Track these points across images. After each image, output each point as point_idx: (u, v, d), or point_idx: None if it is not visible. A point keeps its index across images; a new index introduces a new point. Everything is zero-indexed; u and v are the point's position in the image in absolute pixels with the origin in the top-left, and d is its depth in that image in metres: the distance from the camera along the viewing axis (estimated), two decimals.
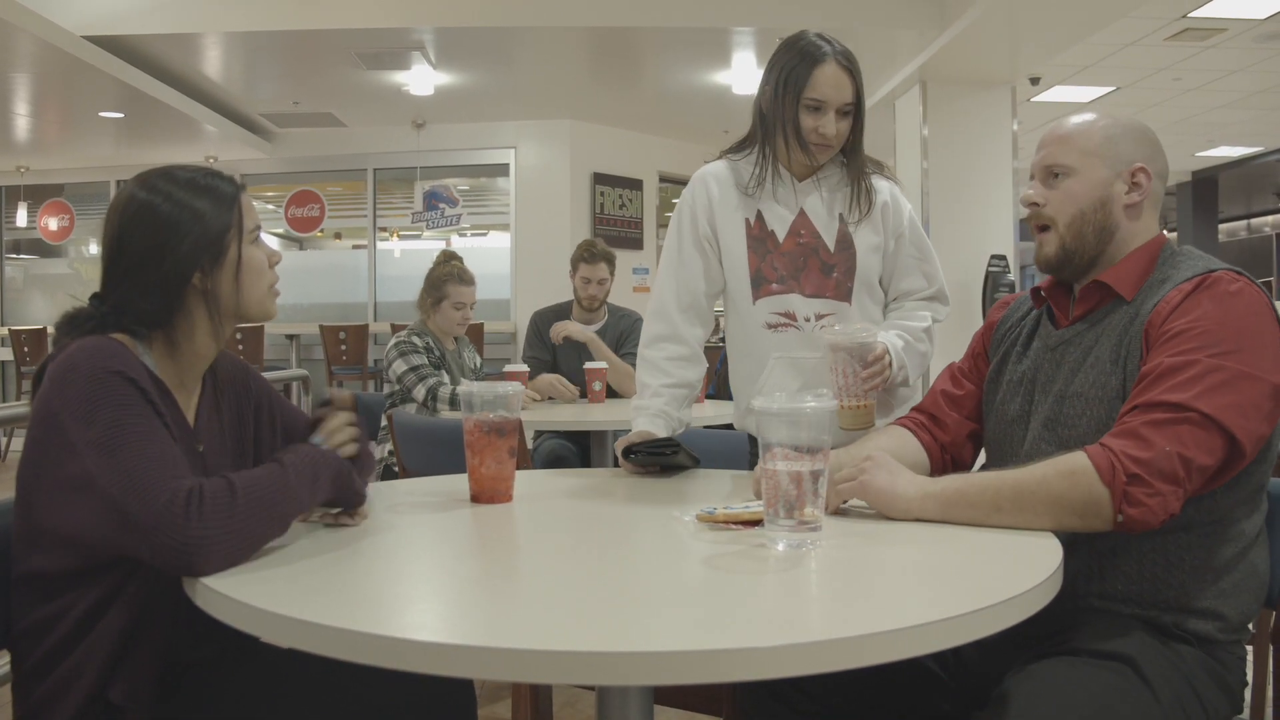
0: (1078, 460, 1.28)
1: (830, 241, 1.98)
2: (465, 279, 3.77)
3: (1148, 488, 1.24)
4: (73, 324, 1.33)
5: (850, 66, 1.91)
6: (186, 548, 1.12)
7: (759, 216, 2.01)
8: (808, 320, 1.97)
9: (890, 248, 2.01)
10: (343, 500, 1.38)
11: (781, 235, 2.00)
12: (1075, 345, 1.48)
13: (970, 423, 1.67)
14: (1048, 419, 1.46)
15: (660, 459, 1.79)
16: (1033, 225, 1.55)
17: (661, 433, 1.94)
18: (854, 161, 1.98)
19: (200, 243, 1.34)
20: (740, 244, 2.02)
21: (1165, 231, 1.69)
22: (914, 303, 2.03)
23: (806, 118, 1.90)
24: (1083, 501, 1.26)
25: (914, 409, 1.73)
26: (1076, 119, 1.53)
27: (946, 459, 1.65)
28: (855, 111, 1.93)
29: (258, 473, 1.24)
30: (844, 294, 1.98)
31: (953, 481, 1.36)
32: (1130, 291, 1.45)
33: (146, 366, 1.32)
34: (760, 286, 2.01)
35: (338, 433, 1.42)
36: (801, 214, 1.99)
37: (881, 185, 2.01)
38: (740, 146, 2.06)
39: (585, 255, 4.06)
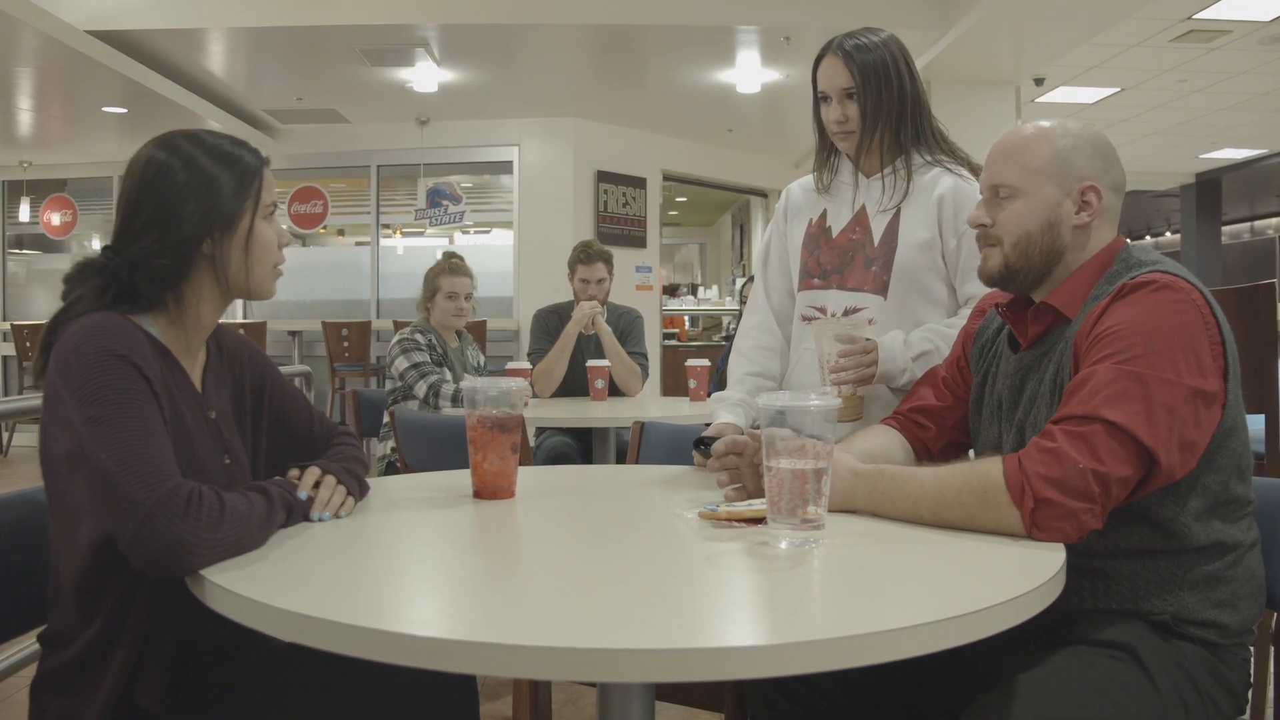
0: (992, 477, 1.26)
1: (877, 235, 2.00)
2: (456, 270, 3.78)
3: (1058, 509, 1.21)
4: (84, 273, 1.33)
5: (846, 53, 1.96)
6: (175, 544, 1.11)
7: (822, 215, 2.10)
8: (834, 316, 2.00)
9: (950, 246, 1.97)
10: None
11: (837, 231, 2.06)
12: (1032, 373, 1.46)
13: (951, 433, 1.67)
14: (1014, 449, 1.43)
15: None
16: (980, 242, 1.53)
17: (741, 423, 2.01)
18: (886, 142, 1.98)
19: (214, 210, 1.35)
20: (798, 241, 2.12)
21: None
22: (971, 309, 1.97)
23: (823, 111, 2.03)
24: (995, 521, 1.25)
25: (899, 410, 1.73)
26: (1025, 131, 1.48)
27: (934, 460, 1.65)
28: (864, 94, 1.94)
29: (237, 499, 1.22)
30: (880, 288, 1.98)
31: (880, 484, 1.36)
32: (1074, 310, 1.42)
33: (154, 336, 1.33)
34: (803, 280, 2.09)
35: (331, 499, 1.41)
36: (862, 210, 2.04)
37: (944, 180, 1.98)
38: None
39: (581, 256, 4.06)
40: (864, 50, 1.96)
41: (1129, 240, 1.49)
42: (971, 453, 1.67)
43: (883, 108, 1.95)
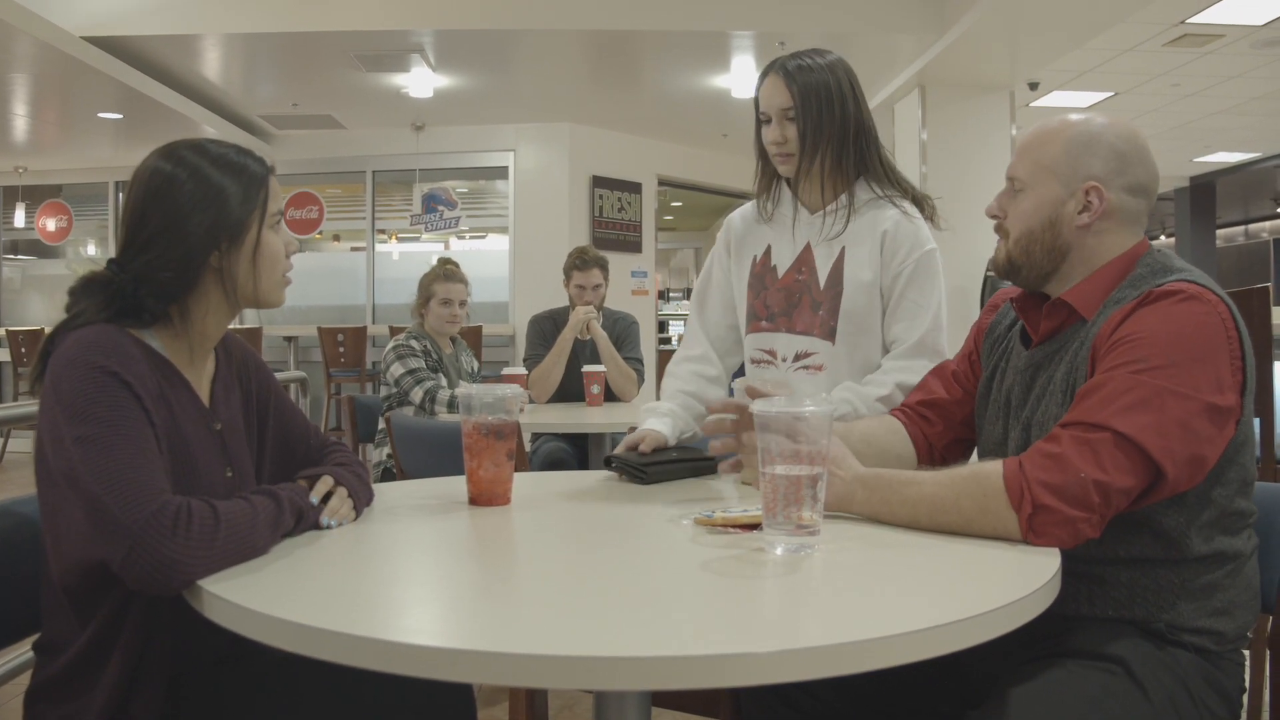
0: (991, 480, 1.25)
1: (823, 278, 1.95)
2: (451, 276, 3.78)
3: (1055, 515, 1.20)
4: (88, 288, 1.32)
5: (788, 72, 1.90)
6: (166, 564, 1.10)
7: (767, 252, 2.04)
8: (785, 360, 1.97)
9: (886, 283, 1.93)
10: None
11: (782, 270, 2.00)
12: (1043, 369, 1.46)
13: (959, 429, 1.65)
14: (1019, 446, 1.43)
15: (636, 477, 1.76)
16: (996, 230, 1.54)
17: (664, 429, 1.95)
18: (829, 168, 1.93)
19: (221, 222, 1.34)
20: (744, 280, 2.06)
21: (1153, 239, 1.65)
22: (892, 360, 1.92)
23: (764, 133, 1.97)
24: (991, 525, 1.25)
25: (906, 404, 1.72)
26: (1049, 125, 1.47)
27: (935, 458, 1.64)
28: (804, 115, 1.89)
29: (237, 506, 1.21)
30: (828, 333, 1.95)
31: (879, 489, 1.36)
32: (1091, 311, 1.41)
33: (154, 349, 1.32)
34: (751, 322, 2.04)
35: (340, 508, 1.40)
36: (807, 248, 1.99)
37: (889, 217, 1.93)
38: None
39: (577, 263, 4.07)
40: (806, 71, 1.90)
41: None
42: (976, 451, 1.66)
43: (823, 131, 1.90)
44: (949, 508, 1.28)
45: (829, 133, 1.90)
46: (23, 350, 8.17)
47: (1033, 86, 7.56)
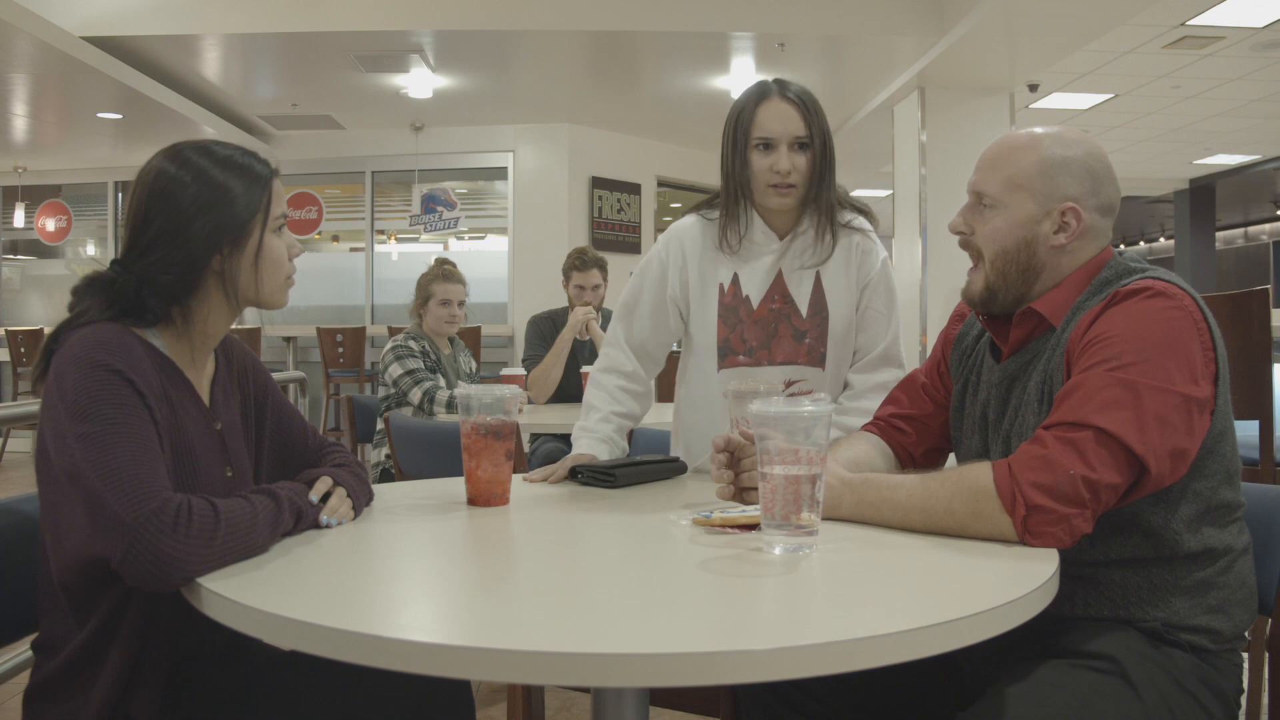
0: (982, 484, 1.25)
1: (804, 306, 1.94)
2: (450, 277, 3.78)
3: (1050, 515, 1.21)
4: (91, 287, 1.33)
5: (800, 101, 1.85)
6: (165, 561, 1.10)
7: (734, 280, 1.97)
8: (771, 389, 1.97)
9: (855, 296, 1.96)
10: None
11: (756, 300, 1.96)
12: (1018, 381, 1.46)
13: (934, 439, 1.66)
14: (1000, 458, 1.44)
15: (602, 484, 1.76)
16: (962, 247, 1.51)
17: (604, 457, 1.92)
18: (819, 200, 1.91)
19: (224, 225, 1.34)
20: (711, 311, 1.98)
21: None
22: (861, 375, 1.95)
23: (759, 159, 1.87)
24: (986, 529, 1.25)
25: (879, 415, 1.71)
26: (1016, 140, 1.45)
27: (915, 466, 1.64)
28: (815, 146, 1.86)
29: (237, 505, 1.21)
30: (817, 359, 1.95)
31: (867, 493, 1.35)
32: (1059, 318, 1.41)
33: (157, 349, 1.32)
34: (726, 357, 1.98)
35: (340, 508, 1.40)
36: (779, 277, 1.95)
37: (854, 238, 1.96)
38: (712, 202, 2.00)
39: (576, 263, 4.08)
40: (810, 97, 1.86)
41: (1123, 246, 1.48)
42: (952, 458, 1.66)
43: (828, 161, 1.88)
44: (941, 512, 1.28)
45: (830, 161, 1.89)
46: (22, 350, 8.17)
47: (1033, 88, 7.57)
